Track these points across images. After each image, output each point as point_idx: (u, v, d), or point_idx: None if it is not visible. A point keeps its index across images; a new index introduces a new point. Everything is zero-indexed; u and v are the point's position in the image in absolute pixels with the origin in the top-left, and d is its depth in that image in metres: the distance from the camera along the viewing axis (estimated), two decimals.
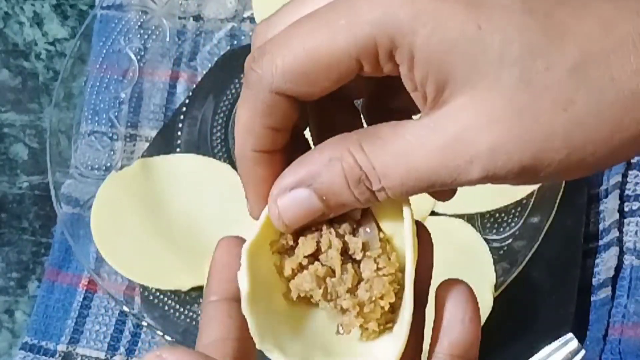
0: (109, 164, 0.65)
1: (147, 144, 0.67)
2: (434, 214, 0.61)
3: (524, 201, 0.60)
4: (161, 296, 0.60)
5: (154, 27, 0.70)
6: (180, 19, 0.71)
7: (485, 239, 0.60)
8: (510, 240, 0.60)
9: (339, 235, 0.31)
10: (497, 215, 0.61)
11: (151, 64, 0.69)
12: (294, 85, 0.29)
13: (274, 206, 0.31)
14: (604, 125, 0.27)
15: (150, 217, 0.62)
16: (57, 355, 0.62)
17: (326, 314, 0.32)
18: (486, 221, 0.62)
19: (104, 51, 0.68)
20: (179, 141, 0.67)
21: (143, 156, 0.66)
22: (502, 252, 0.59)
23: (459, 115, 0.28)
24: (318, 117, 0.33)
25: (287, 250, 0.32)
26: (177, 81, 0.70)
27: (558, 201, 0.58)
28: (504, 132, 0.27)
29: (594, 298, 0.60)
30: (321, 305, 0.31)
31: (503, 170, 0.28)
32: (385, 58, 0.28)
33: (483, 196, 0.61)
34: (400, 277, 0.31)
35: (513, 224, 0.60)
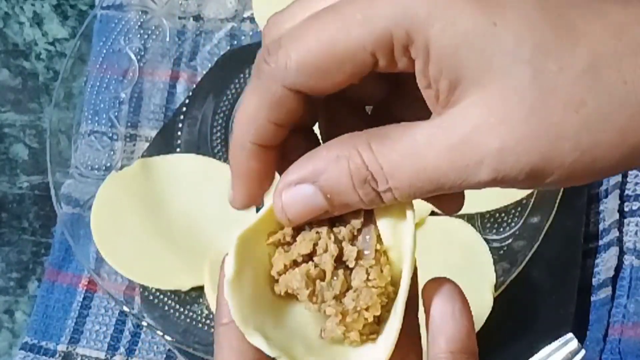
0: (109, 164, 0.65)
1: (147, 144, 0.67)
2: (434, 214, 0.61)
3: (524, 201, 0.60)
4: (161, 296, 0.60)
5: (154, 27, 0.70)
6: (180, 19, 0.71)
7: (485, 239, 0.60)
8: (510, 240, 0.60)
9: (337, 240, 0.31)
10: (497, 215, 0.61)
11: (151, 64, 0.69)
12: (307, 78, 0.29)
13: (278, 200, 0.30)
14: (615, 129, 0.27)
15: (150, 217, 0.62)
16: (57, 355, 0.62)
17: (310, 314, 0.32)
18: (486, 221, 0.61)
19: (104, 51, 0.68)
20: (179, 141, 0.67)
21: (143, 156, 0.66)
22: (502, 252, 0.59)
23: (469, 114, 0.27)
24: (328, 119, 0.33)
25: (283, 245, 0.31)
26: (177, 81, 0.70)
27: (558, 201, 0.58)
28: (514, 132, 0.27)
29: (594, 298, 0.60)
30: (306, 305, 0.31)
31: (512, 172, 0.27)
32: (401, 52, 0.28)
33: (483, 196, 0.60)
34: (391, 290, 0.30)
35: (513, 224, 0.60)
